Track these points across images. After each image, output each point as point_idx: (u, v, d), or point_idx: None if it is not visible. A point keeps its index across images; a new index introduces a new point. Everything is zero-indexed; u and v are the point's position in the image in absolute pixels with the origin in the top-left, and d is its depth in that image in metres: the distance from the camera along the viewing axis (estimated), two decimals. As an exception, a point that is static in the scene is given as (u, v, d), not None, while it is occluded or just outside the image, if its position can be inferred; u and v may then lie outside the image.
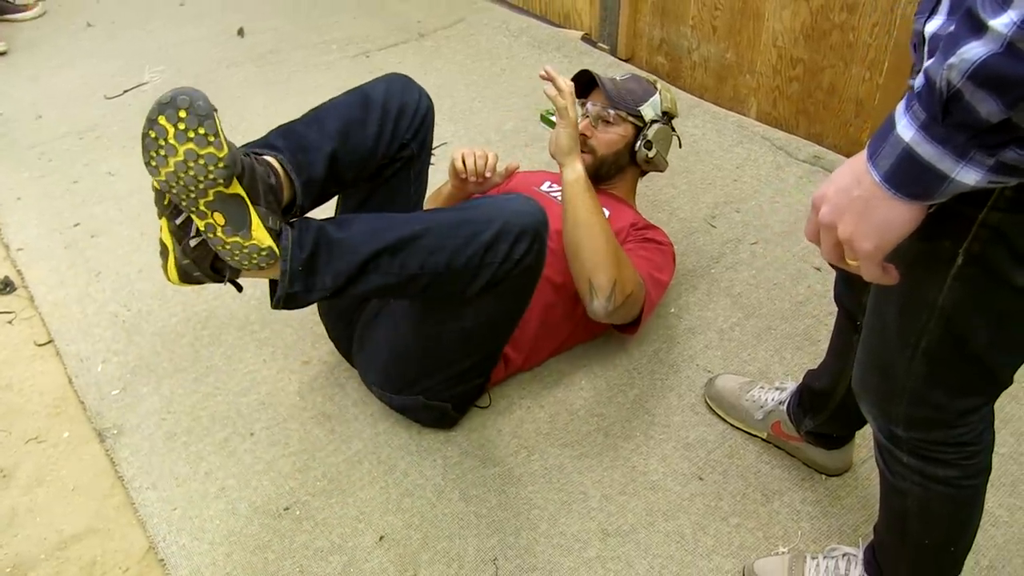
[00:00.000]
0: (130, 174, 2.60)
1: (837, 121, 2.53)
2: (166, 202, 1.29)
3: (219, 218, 1.25)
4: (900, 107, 0.72)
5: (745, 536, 1.53)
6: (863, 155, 0.76)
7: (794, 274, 2.14)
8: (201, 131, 1.17)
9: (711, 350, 1.93)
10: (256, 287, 2.13)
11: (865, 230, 0.77)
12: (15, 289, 2.17)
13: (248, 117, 2.88)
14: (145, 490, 1.65)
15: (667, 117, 1.97)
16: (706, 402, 1.78)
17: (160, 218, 1.31)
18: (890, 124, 0.73)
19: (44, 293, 2.15)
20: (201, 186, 1.21)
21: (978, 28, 0.62)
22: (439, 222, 1.40)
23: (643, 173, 2.04)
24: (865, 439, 1.66)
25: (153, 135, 1.18)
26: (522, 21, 3.49)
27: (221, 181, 1.21)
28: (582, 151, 1.81)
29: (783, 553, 1.46)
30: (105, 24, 3.62)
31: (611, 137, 1.91)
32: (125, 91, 3.07)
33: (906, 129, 0.71)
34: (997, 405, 1.70)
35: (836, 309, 1.44)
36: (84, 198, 2.50)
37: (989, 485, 1.54)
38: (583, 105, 1.95)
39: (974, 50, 0.63)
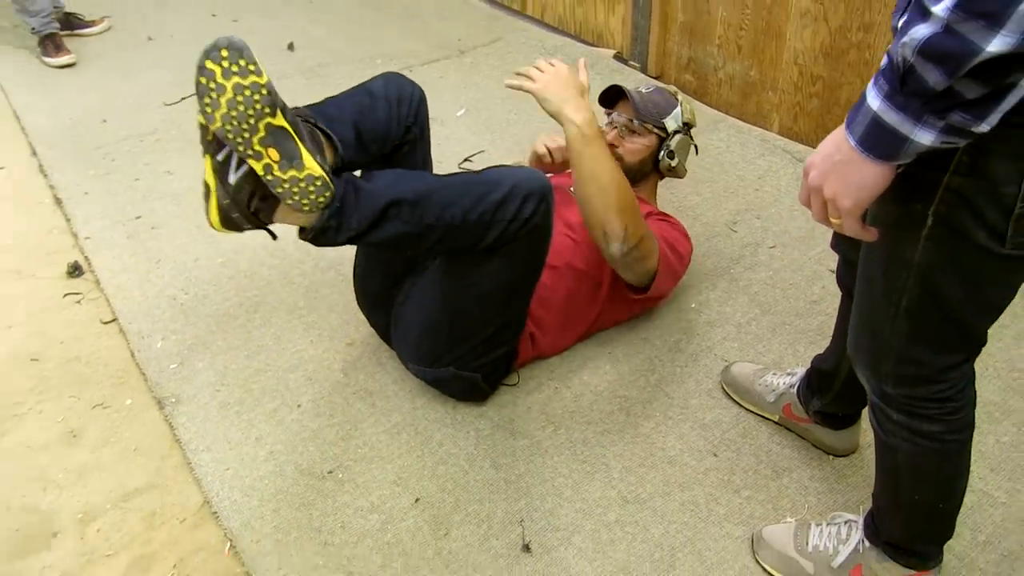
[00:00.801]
0: (187, 173, 2.77)
1: (855, 135, 2.65)
2: (209, 138, 1.41)
3: (273, 154, 1.37)
4: (870, 83, 0.86)
5: (755, 507, 1.64)
6: (842, 126, 0.90)
7: (809, 276, 2.25)
8: (242, 63, 1.31)
9: (728, 342, 2.05)
10: (305, 276, 2.28)
11: (845, 189, 0.91)
12: (83, 273, 2.34)
13: (298, 124, 3.05)
14: (200, 452, 1.79)
15: (687, 127, 2.10)
16: (722, 387, 1.90)
17: (204, 156, 1.43)
18: (863, 98, 0.87)
19: (109, 277, 2.31)
20: (252, 120, 1.33)
21: (924, 13, 0.77)
22: (454, 181, 1.55)
23: (662, 177, 2.18)
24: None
25: (204, 80, 1.32)
26: (557, 40, 3.64)
27: (268, 110, 1.34)
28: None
29: (790, 522, 1.57)
30: (164, 38, 3.82)
31: (637, 147, 2.05)
32: (183, 99, 3.26)
33: (874, 100, 0.85)
34: (999, 398, 1.81)
35: None
36: (144, 194, 2.67)
37: (990, 470, 1.66)
38: (608, 115, 2.09)
39: (921, 31, 0.77)
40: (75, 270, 2.34)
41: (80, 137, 3.01)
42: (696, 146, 2.17)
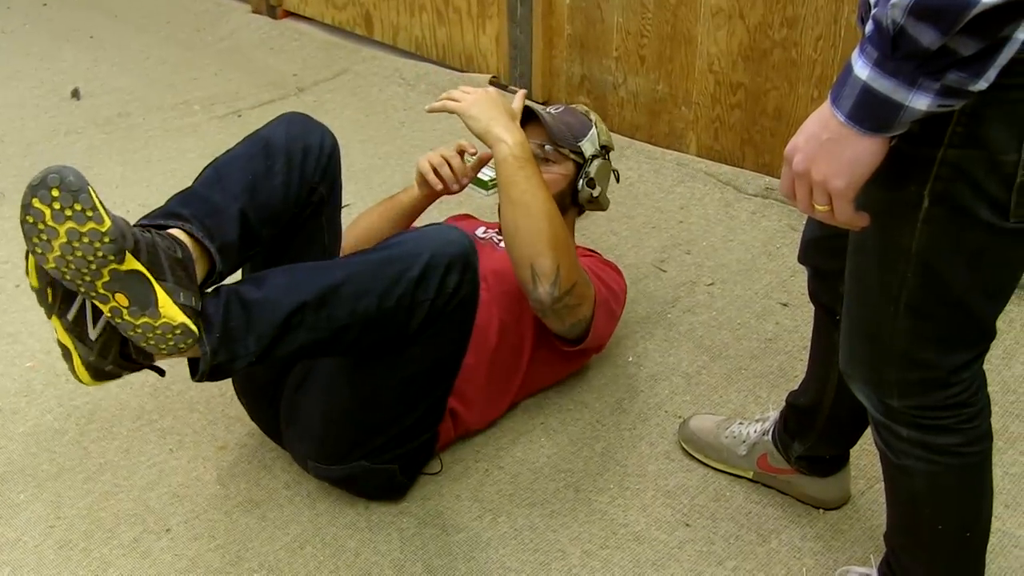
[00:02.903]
0: (-34, 260, 2.75)
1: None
2: (51, 300, 1.48)
3: (122, 299, 1.44)
4: (855, 53, 1.03)
5: (745, 578, 1.78)
6: (827, 102, 1.07)
7: (759, 312, 2.46)
8: (77, 207, 1.37)
9: (678, 396, 2.21)
10: (148, 372, 2.29)
11: (837, 168, 1.08)
12: None
13: (104, 189, 3.03)
14: (40, 609, 1.78)
15: (605, 151, 2.28)
16: (682, 446, 2.05)
17: (50, 318, 1.50)
18: (848, 69, 1.04)
19: None
20: (93, 266, 1.40)
21: None
22: (362, 265, 1.65)
23: (581, 212, 2.34)
24: (861, 470, 1.95)
25: (31, 220, 1.38)
26: (418, 68, 3.83)
27: (112, 257, 1.41)
28: None
29: (788, 587, 1.72)
30: None
31: (553, 177, 2.16)
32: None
33: (862, 69, 1.02)
34: (999, 425, 2.04)
35: (809, 344, 1.76)
36: (-90, 292, 2.63)
37: (1004, 507, 1.87)
38: None
39: None
40: None
41: None
42: (617, 172, 2.35)
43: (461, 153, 2.16)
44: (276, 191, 1.74)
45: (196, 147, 3.34)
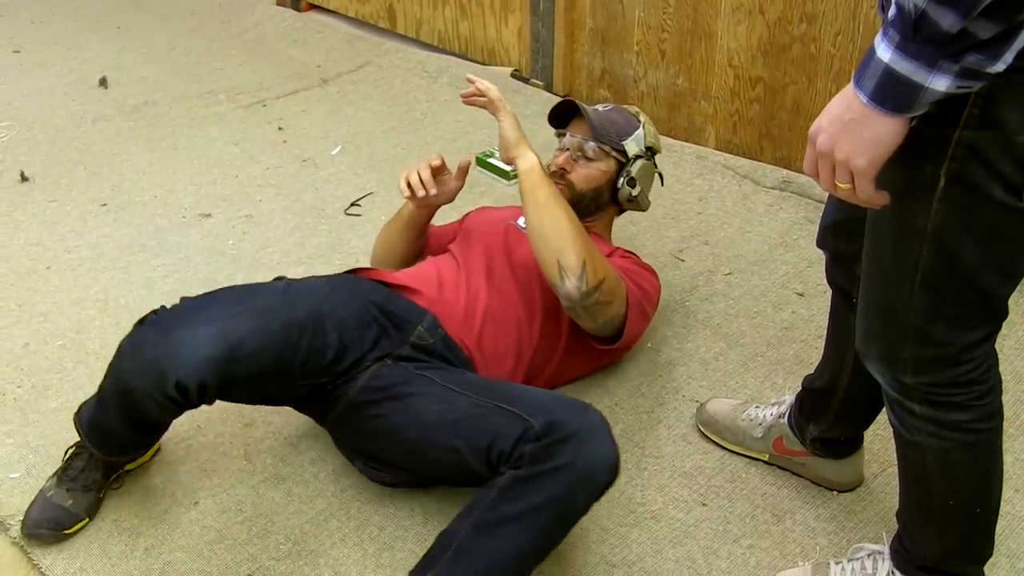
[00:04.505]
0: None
1: (805, 142, 2.94)
2: None
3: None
4: (877, 36, 1.08)
5: (760, 556, 1.82)
6: (850, 85, 1.12)
7: (775, 301, 2.50)
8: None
9: (696, 381, 2.25)
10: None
11: (859, 147, 1.12)
12: None
13: (131, 176, 3.14)
14: None
15: (650, 152, 2.30)
16: (699, 429, 2.09)
17: None
18: (871, 52, 1.08)
19: (-95, 377, 2.31)
20: None
21: None
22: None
23: (620, 211, 2.38)
24: (875, 454, 1.99)
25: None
26: (440, 61, 3.88)
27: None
28: (558, 183, 2.13)
29: (804, 565, 1.76)
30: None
31: (592, 172, 2.22)
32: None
33: (884, 51, 1.06)
34: (1010, 413, 2.08)
35: (825, 333, 1.80)
36: (-60, 272, 2.68)
37: (1014, 491, 1.92)
38: (561, 137, 2.29)
39: None
40: None
41: None
42: (661, 175, 2.38)
43: (435, 169, 2.13)
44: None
45: (222, 135, 3.41)
